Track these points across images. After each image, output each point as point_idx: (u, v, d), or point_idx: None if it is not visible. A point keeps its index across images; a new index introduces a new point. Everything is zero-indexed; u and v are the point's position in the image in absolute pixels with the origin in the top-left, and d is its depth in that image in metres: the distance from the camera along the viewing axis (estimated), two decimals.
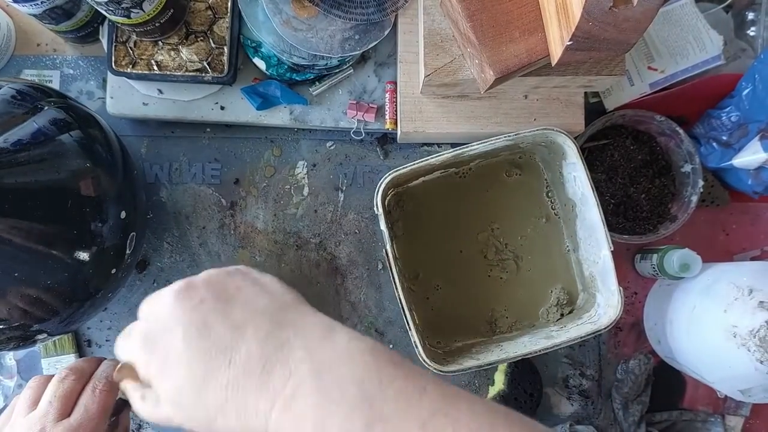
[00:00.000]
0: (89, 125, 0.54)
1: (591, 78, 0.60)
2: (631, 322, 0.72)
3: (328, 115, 0.68)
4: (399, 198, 0.68)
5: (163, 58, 0.63)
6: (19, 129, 0.47)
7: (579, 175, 0.62)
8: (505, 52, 0.53)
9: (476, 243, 0.68)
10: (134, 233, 0.56)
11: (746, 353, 0.56)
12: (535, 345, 0.60)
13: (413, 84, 0.65)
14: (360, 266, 0.71)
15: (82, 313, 0.54)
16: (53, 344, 0.68)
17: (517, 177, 0.69)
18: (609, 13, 0.44)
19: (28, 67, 0.70)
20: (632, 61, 0.69)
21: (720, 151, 0.69)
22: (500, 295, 0.68)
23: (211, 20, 0.63)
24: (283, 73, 0.66)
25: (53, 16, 0.60)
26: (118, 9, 0.54)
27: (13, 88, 0.51)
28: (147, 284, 0.70)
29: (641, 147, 0.71)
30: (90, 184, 0.50)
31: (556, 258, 0.68)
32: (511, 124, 0.65)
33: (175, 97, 0.66)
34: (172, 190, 0.70)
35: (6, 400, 0.68)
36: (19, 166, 0.46)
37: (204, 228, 0.70)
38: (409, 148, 0.71)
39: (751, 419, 0.72)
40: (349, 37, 0.63)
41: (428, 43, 0.59)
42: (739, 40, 0.73)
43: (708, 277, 0.64)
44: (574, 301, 0.68)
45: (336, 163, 0.71)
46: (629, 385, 0.69)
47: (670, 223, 0.69)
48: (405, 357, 0.36)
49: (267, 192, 0.71)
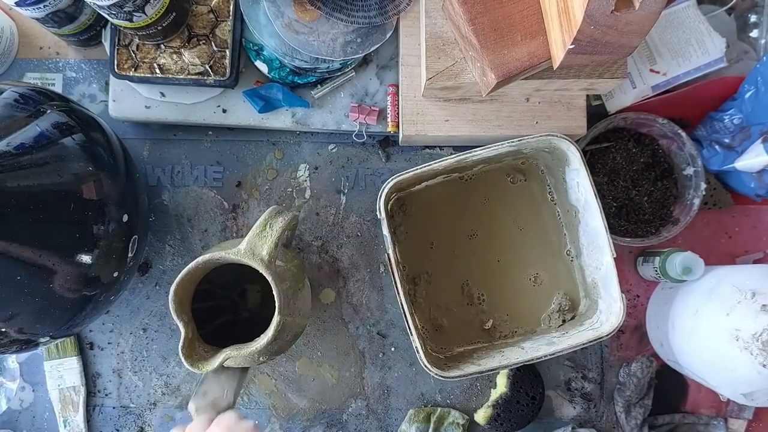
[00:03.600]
0: (91, 128, 0.54)
1: (593, 81, 0.60)
2: (634, 325, 0.72)
3: (330, 117, 0.68)
4: (401, 202, 0.68)
5: (166, 61, 0.63)
6: (21, 132, 0.47)
7: (582, 181, 0.62)
8: (507, 55, 0.53)
9: (479, 248, 0.68)
10: (136, 236, 0.56)
11: (749, 356, 0.56)
12: (537, 351, 0.60)
13: (415, 87, 0.65)
14: (362, 269, 0.71)
15: (84, 316, 0.54)
16: (56, 347, 0.68)
17: (521, 182, 0.69)
18: (611, 16, 0.44)
19: (30, 71, 0.70)
20: (634, 64, 0.69)
21: (722, 153, 0.69)
22: (502, 300, 0.68)
23: (213, 23, 0.63)
24: (285, 76, 0.66)
25: (56, 19, 0.61)
26: (121, 12, 0.54)
27: (15, 92, 0.51)
28: (149, 287, 0.70)
29: (643, 150, 0.71)
30: (92, 187, 0.50)
31: (559, 264, 0.68)
32: (512, 127, 0.65)
33: (177, 100, 0.66)
34: (174, 192, 0.70)
35: (8, 402, 0.68)
36: (21, 170, 0.46)
37: (206, 231, 0.70)
38: (411, 150, 0.71)
39: (754, 422, 0.71)
40: (350, 40, 0.64)
41: (430, 46, 0.59)
42: (741, 42, 0.73)
43: (710, 280, 0.63)
44: (576, 307, 0.67)
45: (338, 165, 0.71)
46: (632, 388, 0.69)
47: (673, 226, 0.69)
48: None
49: (269, 195, 0.71)
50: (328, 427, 0.70)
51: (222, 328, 0.64)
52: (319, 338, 0.70)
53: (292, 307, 0.55)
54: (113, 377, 0.69)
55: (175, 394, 0.69)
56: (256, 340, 0.51)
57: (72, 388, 0.68)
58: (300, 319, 0.58)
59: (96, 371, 0.69)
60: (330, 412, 0.70)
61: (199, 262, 0.51)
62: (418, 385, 0.70)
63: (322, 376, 0.70)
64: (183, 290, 0.52)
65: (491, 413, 0.68)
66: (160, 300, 0.70)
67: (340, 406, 0.70)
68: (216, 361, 0.50)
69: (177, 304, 0.51)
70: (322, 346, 0.70)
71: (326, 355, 0.70)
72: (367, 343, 0.70)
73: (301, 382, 0.70)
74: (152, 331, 0.70)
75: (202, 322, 0.54)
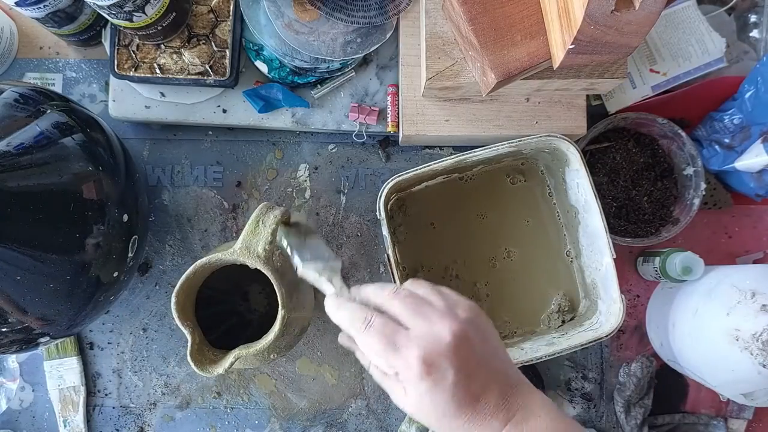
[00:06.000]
0: (92, 128, 0.54)
1: (593, 81, 0.60)
2: (634, 324, 0.72)
3: (330, 117, 0.68)
4: (401, 203, 0.68)
5: (166, 61, 0.63)
6: (21, 132, 0.47)
7: (582, 182, 0.62)
8: (507, 55, 0.53)
9: (478, 248, 0.68)
10: (136, 236, 0.56)
11: (749, 357, 0.56)
12: (537, 352, 0.60)
13: (415, 87, 0.65)
14: (362, 269, 0.71)
15: (85, 315, 0.54)
16: (56, 347, 0.68)
17: (521, 183, 0.69)
18: (611, 16, 0.44)
19: (30, 71, 0.70)
20: (634, 64, 0.69)
21: (722, 153, 0.69)
22: (502, 301, 0.68)
23: (213, 23, 0.63)
24: (285, 76, 0.66)
25: (56, 19, 0.61)
26: (121, 12, 0.54)
27: (15, 92, 0.51)
28: (149, 287, 0.70)
29: (643, 150, 0.71)
30: (92, 187, 0.50)
31: (558, 265, 0.68)
32: (512, 127, 0.65)
33: (177, 100, 0.66)
34: (174, 193, 0.70)
35: (8, 402, 0.68)
36: (21, 170, 0.46)
37: (206, 231, 0.70)
38: (411, 150, 0.71)
39: (754, 422, 0.71)
40: (350, 40, 0.64)
41: (430, 46, 0.59)
42: (741, 42, 0.73)
43: (710, 280, 0.63)
44: (576, 308, 0.67)
45: (338, 165, 0.71)
46: (631, 388, 0.69)
47: (673, 226, 0.69)
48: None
49: (269, 195, 0.71)
50: (328, 427, 0.70)
51: (231, 333, 0.64)
52: (319, 338, 0.70)
53: (295, 300, 0.55)
54: (113, 377, 0.69)
55: (175, 394, 0.69)
56: (263, 337, 0.52)
57: (72, 388, 0.68)
58: (305, 313, 0.58)
59: (96, 371, 0.69)
60: (330, 412, 0.70)
61: (197, 266, 0.51)
62: None
63: (322, 376, 0.70)
64: (184, 296, 0.52)
65: None
66: (160, 300, 0.70)
67: (340, 406, 0.70)
68: (226, 363, 0.50)
69: (179, 311, 0.51)
70: (322, 346, 0.70)
71: (326, 355, 0.70)
72: None
73: (301, 382, 0.70)
74: (152, 331, 0.70)
75: (209, 329, 0.54)
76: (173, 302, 0.51)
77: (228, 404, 0.69)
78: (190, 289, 0.53)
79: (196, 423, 0.69)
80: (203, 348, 0.52)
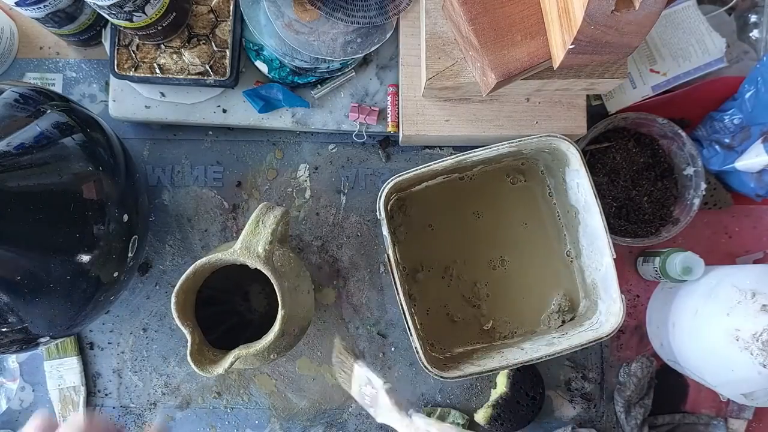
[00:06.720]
0: (92, 128, 0.54)
1: (593, 81, 0.60)
2: (634, 324, 0.72)
3: (330, 117, 0.68)
4: (401, 203, 0.68)
5: (166, 61, 0.63)
6: (21, 132, 0.47)
7: (582, 182, 0.62)
8: (507, 55, 0.53)
9: (478, 248, 0.68)
10: (136, 236, 0.56)
11: (749, 357, 0.56)
12: (537, 352, 0.60)
13: (415, 87, 0.65)
14: (362, 269, 0.71)
15: (85, 316, 0.54)
16: (56, 347, 0.68)
17: (521, 183, 0.69)
18: (611, 16, 0.44)
19: (30, 71, 0.70)
20: (634, 64, 0.69)
21: (722, 153, 0.69)
22: (502, 301, 0.68)
23: (213, 23, 0.63)
24: (285, 76, 0.66)
25: (56, 19, 0.61)
26: (121, 12, 0.54)
27: (15, 92, 0.51)
28: (149, 287, 0.70)
29: (643, 150, 0.71)
30: (92, 187, 0.50)
31: (558, 265, 0.68)
32: (513, 127, 0.65)
33: (177, 100, 0.66)
34: (174, 193, 0.70)
35: (8, 402, 0.68)
36: (21, 170, 0.46)
37: (206, 231, 0.70)
38: (411, 150, 0.71)
39: (754, 422, 0.71)
40: (351, 40, 0.64)
41: (430, 46, 0.59)
42: (741, 42, 0.73)
43: (710, 280, 0.63)
44: (576, 308, 0.67)
45: (338, 165, 0.71)
46: (632, 388, 0.69)
47: (673, 226, 0.69)
48: None
49: (269, 195, 0.71)
50: (328, 427, 0.70)
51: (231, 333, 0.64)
52: (319, 338, 0.70)
53: (295, 300, 0.55)
54: (113, 377, 0.69)
55: (175, 394, 0.69)
56: (263, 338, 0.52)
57: (72, 388, 0.68)
58: (305, 312, 0.58)
59: (96, 371, 0.69)
60: (330, 412, 0.70)
61: (197, 266, 0.51)
62: (418, 385, 0.70)
63: (322, 376, 0.70)
64: (184, 296, 0.52)
65: (491, 413, 0.68)
66: (160, 300, 0.70)
67: (340, 406, 0.70)
68: (226, 363, 0.50)
69: (179, 311, 0.51)
70: (322, 346, 0.70)
71: (326, 355, 0.70)
72: (367, 343, 0.70)
73: (301, 382, 0.70)
74: (152, 331, 0.70)
75: (209, 329, 0.54)
76: (173, 302, 0.51)
77: (228, 404, 0.69)
78: (190, 289, 0.53)
79: (196, 423, 0.69)
80: (203, 348, 0.52)
